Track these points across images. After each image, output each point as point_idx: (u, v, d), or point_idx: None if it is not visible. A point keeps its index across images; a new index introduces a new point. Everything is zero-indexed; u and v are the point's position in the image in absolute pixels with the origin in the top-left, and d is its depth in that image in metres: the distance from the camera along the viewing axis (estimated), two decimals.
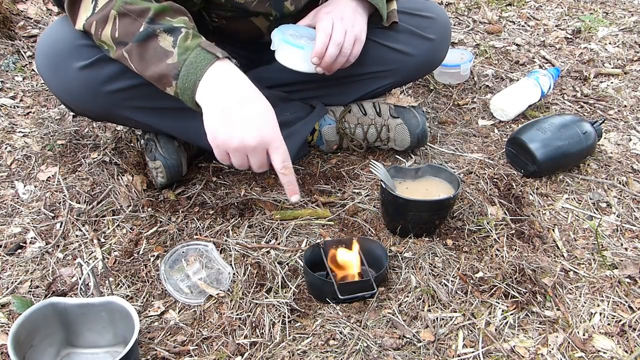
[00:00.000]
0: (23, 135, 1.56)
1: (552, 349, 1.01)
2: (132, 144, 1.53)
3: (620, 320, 1.07)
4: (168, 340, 1.04)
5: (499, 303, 1.10)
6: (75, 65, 1.15)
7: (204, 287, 1.13)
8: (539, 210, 1.34)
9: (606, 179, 1.45)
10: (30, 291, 1.13)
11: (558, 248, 1.24)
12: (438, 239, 1.24)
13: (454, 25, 2.32)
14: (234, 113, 0.99)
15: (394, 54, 1.41)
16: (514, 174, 1.45)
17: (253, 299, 1.10)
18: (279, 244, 1.23)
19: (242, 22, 1.34)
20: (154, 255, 1.21)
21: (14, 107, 1.68)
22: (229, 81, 1.01)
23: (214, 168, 1.47)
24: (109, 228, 1.28)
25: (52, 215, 1.31)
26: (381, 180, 1.22)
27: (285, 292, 1.11)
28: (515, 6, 2.50)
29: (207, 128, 1.01)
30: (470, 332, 1.05)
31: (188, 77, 1.00)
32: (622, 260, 1.20)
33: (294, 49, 1.25)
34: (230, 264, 1.17)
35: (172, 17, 1.04)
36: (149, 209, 1.33)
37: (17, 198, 1.36)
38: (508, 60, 2.05)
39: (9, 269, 1.18)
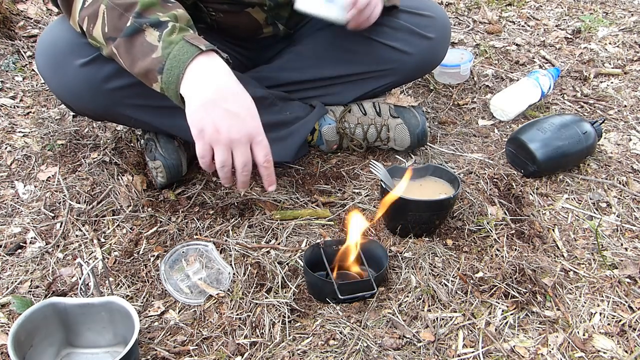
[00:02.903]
0: (23, 135, 1.56)
1: (552, 349, 1.01)
2: (132, 144, 1.53)
3: (620, 320, 1.07)
4: (168, 340, 1.04)
5: (499, 303, 1.10)
6: (75, 63, 1.15)
7: (204, 287, 1.13)
8: (539, 210, 1.34)
9: (606, 179, 1.45)
10: (30, 291, 1.13)
11: (558, 248, 1.24)
12: (438, 239, 1.24)
13: (454, 25, 2.32)
14: (219, 106, 0.97)
15: (393, 53, 1.41)
16: (514, 174, 1.45)
17: (253, 299, 1.10)
18: (279, 244, 1.23)
19: (238, 15, 1.34)
20: (154, 255, 1.21)
21: (14, 107, 1.68)
22: (211, 74, 0.99)
23: None
24: (109, 228, 1.28)
25: (52, 215, 1.31)
26: (381, 180, 1.22)
27: (285, 292, 1.11)
28: (515, 6, 2.50)
29: (191, 121, 0.98)
30: (470, 332, 1.05)
31: (171, 71, 0.98)
32: (622, 260, 1.20)
33: None
34: (230, 264, 1.17)
35: (161, 12, 1.02)
36: (149, 209, 1.33)
37: (17, 198, 1.36)
38: (508, 60, 2.05)
39: (9, 269, 1.18)
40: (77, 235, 1.26)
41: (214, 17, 1.35)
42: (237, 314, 1.07)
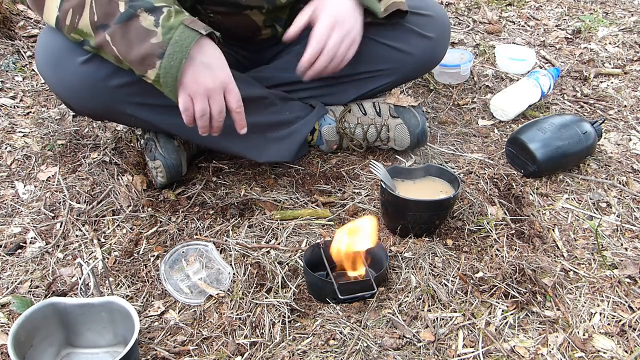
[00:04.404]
0: (23, 135, 1.56)
1: (552, 349, 1.01)
2: (132, 144, 1.53)
3: (620, 320, 1.07)
4: (168, 340, 1.04)
5: (499, 303, 1.10)
6: (75, 61, 1.15)
7: (204, 287, 1.13)
8: (539, 210, 1.34)
9: (606, 179, 1.45)
10: (30, 291, 1.13)
11: (558, 248, 1.24)
12: (438, 239, 1.24)
13: (454, 25, 2.32)
14: (195, 59, 1.05)
15: (393, 53, 1.41)
16: (514, 174, 1.45)
17: (253, 299, 1.10)
18: (279, 244, 1.23)
19: (237, 16, 1.34)
20: (154, 255, 1.21)
21: (14, 107, 1.68)
22: (210, 57, 1.08)
23: (214, 168, 1.47)
24: (109, 228, 1.28)
25: (52, 215, 1.31)
26: (381, 180, 1.22)
27: (285, 292, 1.11)
28: (515, 6, 2.50)
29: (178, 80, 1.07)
30: (470, 332, 1.04)
31: (173, 56, 1.02)
32: (622, 260, 1.20)
33: None
34: (230, 264, 1.17)
35: None
36: (149, 209, 1.33)
37: (17, 198, 1.36)
38: None
39: (9, 269, 1.18)
40: (77, 235, 1.26)
41: (212, 19, 1.35)
42: (237, 314, 1.07)
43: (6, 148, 1.50)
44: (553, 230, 1.29)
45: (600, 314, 1.08)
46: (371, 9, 1.30)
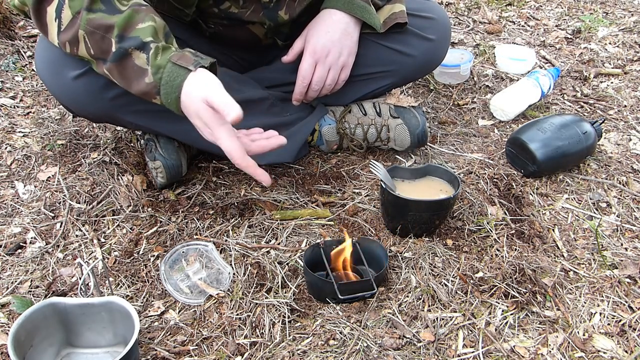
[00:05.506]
0: (23, 135, 1.56)
1: (552, 349, 1.01)
2: (132, 144, 1.53)
3: (620, 320, 1.07)
4: (168, 340, 1.04)
5: (499, 303, 1.10)
6: (71, 74, 1.14)
7: (204, 287, 1.13)
8: (539, 210, 1.34)
9: (606, 179, 1.45)
10: (30, 291, 1.13)
11: (558, 248, 1.24)
12: (438, 239, 1.24)
13: (454, 25, 2.32)
14: (192, 95, 1.00)
15: (394, 55, 1.41)
16: (514, 174, 1.45)
17: (253, 299, 1.10)
18: (279, 244, 1.23)
19: (238, 29, 1.34)
20: (154, 255, 1.21)
21: (14, 107, 1.68)
22: (200, 88, 1.00)
23: (214, 168, 1.47)
24: (109, 228, 1.28)
25: (52, 215, 1.31)
26: (381, 180, 1.22)
27: (285, 292, 1.11)
28: (515, 6, 2.50)
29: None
30: (470, 332, 1.05)
31: (168, 95, 1.01)
32: (622, 260, 1.20)
33: None
34: (230, 264, 1.17)
35: (141, 23, 1.01)
36: (149, 209, 1.33)
37: (17, 198, 1.36)
38: None
39: (9, 269, 1.18)
40: (77, 235, 1.26)
41: (213, 30, 1.35)
42: (237, 314, 1.07)
43: (6, 148, 1.50)
44: (553, 230, 1.29)
45: (600, 314, 1.08)
46: (370, 24, 1.33)
